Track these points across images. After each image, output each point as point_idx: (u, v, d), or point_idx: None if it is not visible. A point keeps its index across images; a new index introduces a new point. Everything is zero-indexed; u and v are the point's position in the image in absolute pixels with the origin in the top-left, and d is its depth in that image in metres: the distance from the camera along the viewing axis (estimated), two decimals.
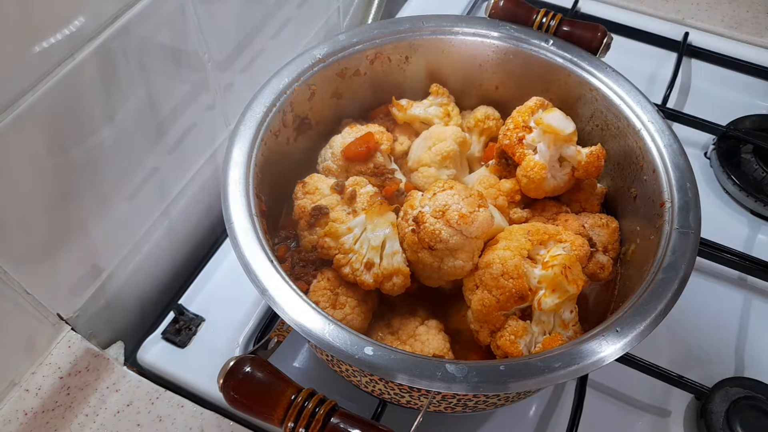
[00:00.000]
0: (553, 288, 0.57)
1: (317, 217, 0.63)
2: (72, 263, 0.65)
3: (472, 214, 0.57)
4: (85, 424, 0.64)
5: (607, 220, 0.67)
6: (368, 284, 0.60)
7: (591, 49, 0.71)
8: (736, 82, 1.04)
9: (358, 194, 0.64)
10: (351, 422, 0.46)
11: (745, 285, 0.81)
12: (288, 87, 0.66)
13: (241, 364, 0.48)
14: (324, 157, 0.71)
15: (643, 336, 0.50)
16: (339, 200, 0.64)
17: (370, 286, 0.60)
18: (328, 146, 0.71)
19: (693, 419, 0.69)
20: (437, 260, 0.59)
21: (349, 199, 0.64)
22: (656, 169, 0.62)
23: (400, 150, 0.75)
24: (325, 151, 0.71)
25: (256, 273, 0.52)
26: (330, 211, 0.63)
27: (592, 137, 0.72)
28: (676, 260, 0.55)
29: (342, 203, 0.64)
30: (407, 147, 0.74)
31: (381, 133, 0.72)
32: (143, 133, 0.68)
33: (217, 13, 0.72)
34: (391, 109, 0.76)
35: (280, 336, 0.60)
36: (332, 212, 0.63)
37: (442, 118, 0.75)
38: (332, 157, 0.70)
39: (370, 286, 0.60)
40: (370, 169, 0.69)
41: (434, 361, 0.49)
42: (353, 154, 0.69)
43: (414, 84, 0.78)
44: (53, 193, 0.59)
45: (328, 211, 0.63)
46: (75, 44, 0.55)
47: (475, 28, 0.74)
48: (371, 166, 0.69)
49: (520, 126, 0.67)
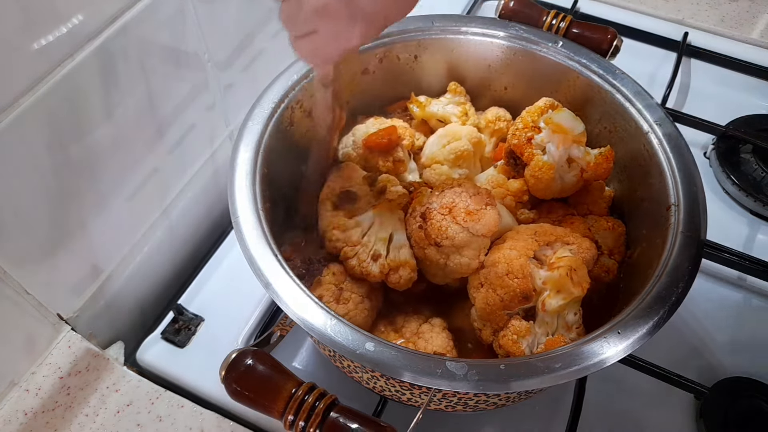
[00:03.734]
0: (558, 289, 0.57)
1: (344, 200, 0.63)
2: (72, 263, 0.65)
3: (479, 212, 0.57)
4: (85, 424, 0.64)
5: (614, 224, 0.67)
6: (374, 275, 0.59)
7: (600, 51, 0.71)
8: (736, 82, 1.04)
9: (388, 191, 0.64)
10: (350, 417, 0.46)
11: (744, 285, 0.81)
12: (297, 83, 0.66)
13: (243, 357, 0.48)
14: (345, 143, 0.72)
15: (645, 339, 0.50)
16: (368, 192, 0.64)
17: (377, 278, 0.60)
18: (351, 133, 0.72)
19: (693, 419, 0.69)
20: (443, 257, 0.59)
21: (378, 193, 0.64)
22: (663, 173, 0.62)
23: (415, 145, 0.75)
24: (347, 137, 0.72)
25: (260, 267, 0.52)
26: (358, 199, 0.63)
27: (600, 139, 0.72)
28: (681, 264, 0.54)
29: (370, 196, 0.64)
30: (422, 142, 0.75)
31: (404, 128, 0.72)
32: (143, 133, 0.68)
33: (217, 13, 0.72)
34: (409, 105, 0.76)
35: (283, 330, 0.60)
36: (359, 201, 0.63)
37: (459, 116, 0.75)
38: (353, 144, 0.70)
39: (376, 277, 0.60)
40: (389, 161, 0.69)
41: (435, 359, 0.49)
42: (374, 144, 0.69)
43: (424, 83, 0.78)
44: (53, 193, 0.59)
45: (356, 197, 0.63)
46: (75, 44, 0.55)
47: (484, 28, 0.74)
48: (390, 159, 0.69)
49: (529, 126, 0.67)
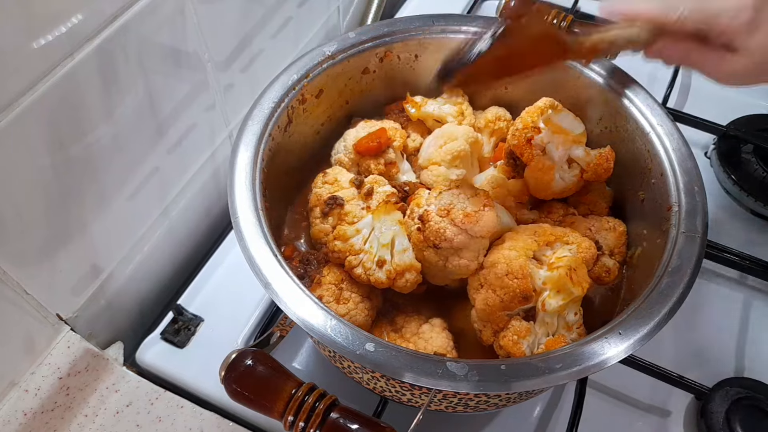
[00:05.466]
0: (558, 289, 0.57)
1: (332, 206, 0.63)
2: (72, 263, 0.65)
3: (477, 213, 0.57)
4: (85, 424, 0.64)
5: (615, 224, 0.67)
6: (382, 282, 0.59)
7: None
8: None
9: (375, 192, 0.64)
10: (350, 417, 0.46)
11: (745, 285, 0.81)
12: (297, 83, 0.66)
13: (242, 357, 0.48)
14: (337, 149, 0.72)
15: (646, 339, 0.50)
16: (355, 194, 0.64)
17: (384, 284, 0.60)
18: (342, 139, 0.72)
19: (693, 419, 0.69)
20: (442, 259, 0.59)
21: (366, 195, 0.64)
22: (664, 173, 0.62)
23: (412, 147, 0.74)
24: (339, 143, 0.72)
25: (260, 267, 0.52)
26: (345, 203, 0.63)
27: (600, 140, 0.71)
28: (682, 264, 0.55)
29: (358, 198, 0.64)
30: (419, 144, 0.74)
31: (395, 129, 0.72)
32: (143, 133, 0.68)
33: (217, 13, 0.72)
34: (405, 106, 0.76)
35: (283, 331, 0.60)
36: (347, 204, 0.63)
37: (456, 116, 0.75)
38: (345, 150, 0.71)
39: (384, 284, 0.60)
40: (380, 164, 0.69)
41: (435, 359, 0.49)
42: (364, 149, 0.69)
43: (424, 82, 0.77)
44: (53, 193, 0.59)
45: (343, 202, 0.63)
46: (74, 44, 0.55)
47: (485, 27, 0.73)
48: (382, 161, 0.69)
49: (529, 126, 0.67)
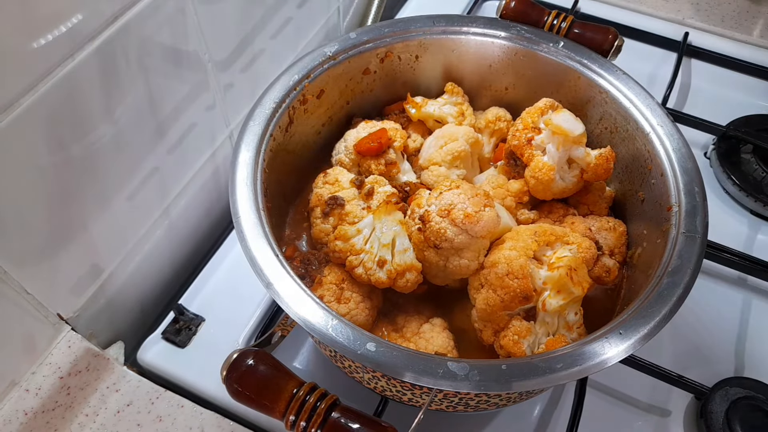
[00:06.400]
0: (558, 289, 0.57)
1: (332, 206, 0.63)
2: (72, 263, 0.65)
3: (478, 214, 0.57)
4: (85, 424, 0.64)
5: (615, 224, 0.67)
6: (383, 282, 0.60)
7: (602, 52, 0.71)
8: (736, 82, 1.04)
9: (376, 192, 0.64)
10: (352, 417, 0.46)
11: (745, 285, 0.81)
12: (298, 83, 0.67)
13: (244, 357, 0.48)
14: (338, 150, 0.72)
15: (646, 339, 0.50)
16: (356, 195, 0.64)
17: (385, 284, 0.60)
18: (343, 140, 0.72)
19: (693, 419, 0.69)
20: (443, 259, 0.59)
21: (366, 195, 0.64)
22: (664, 173, 0.62)
23: (413, 147, 0.75)
24: (339, 144, 0.72)
25: (261, 267, 0.52)
26: (346, 203, 0.63)
27: (601, 140, 0.72)
28: (682, 264, 0.55)
29: (359, 198, 0.64)
30: (420, 144, 0.74)
31: (395, 130, 0.72)
32: (143, 133, 0.68)
33: (217, 13, 0.72)
34: (406, 106, 0.76)
35: (284, 331, 0.60)
36: (347, 205, 0.63)
37: (456, 117, 0.75)
38: (345, 150, 0.71)
39: (384, 284, 0.60)
40: (381, 164, 0.69)
41: (436, 359, 0.49)
42: (365, 149, 0.69)
43: (424, 83, 0.78)
44: (53, 193, 0.59)
45: (344, 203, 0.63)
46: (75, 44, 0.55)
47: (485, 28, 0.74)
48: (382, 162, 0.69)
49: (529, 127, 0.67)
